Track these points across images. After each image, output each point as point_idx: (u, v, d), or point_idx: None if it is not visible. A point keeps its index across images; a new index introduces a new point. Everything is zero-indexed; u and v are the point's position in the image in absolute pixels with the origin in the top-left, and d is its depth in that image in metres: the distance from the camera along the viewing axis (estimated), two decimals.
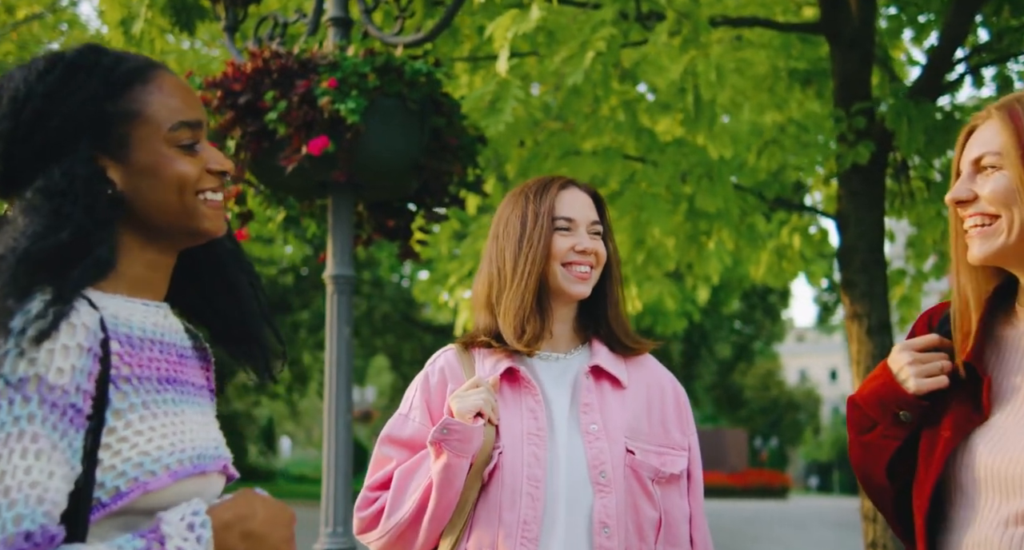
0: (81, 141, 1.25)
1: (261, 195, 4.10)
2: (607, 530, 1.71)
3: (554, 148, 4.72)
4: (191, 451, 1.26)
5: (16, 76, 1.27)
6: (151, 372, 1.27)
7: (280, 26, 4.29)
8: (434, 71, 3.84)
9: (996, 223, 1.43)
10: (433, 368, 1.86)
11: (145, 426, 1.22)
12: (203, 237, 1.34)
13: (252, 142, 3.66)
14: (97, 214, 1.23)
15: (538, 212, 1.83)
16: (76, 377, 1.16)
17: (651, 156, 4.79)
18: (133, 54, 1.34)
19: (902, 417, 1.49)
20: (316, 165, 3.60)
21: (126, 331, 1.26)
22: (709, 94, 3.35)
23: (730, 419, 37.97)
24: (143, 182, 1.27)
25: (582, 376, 1.83)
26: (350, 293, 3.94)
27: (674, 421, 1.87)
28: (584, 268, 1.84)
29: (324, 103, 3.53)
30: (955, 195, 1.47)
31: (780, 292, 23.13)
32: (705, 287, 6.84)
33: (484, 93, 3.51)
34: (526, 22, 3.20)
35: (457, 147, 3.95)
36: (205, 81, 3.71)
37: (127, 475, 1.19)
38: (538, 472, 1.72)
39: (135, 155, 1.27)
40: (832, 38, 4.91)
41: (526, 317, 1.80)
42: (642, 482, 1.76)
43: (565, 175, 4.99)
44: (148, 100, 1.28)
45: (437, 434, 1.69)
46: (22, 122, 1.24)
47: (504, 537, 1.68)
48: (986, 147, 1.44)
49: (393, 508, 1.73)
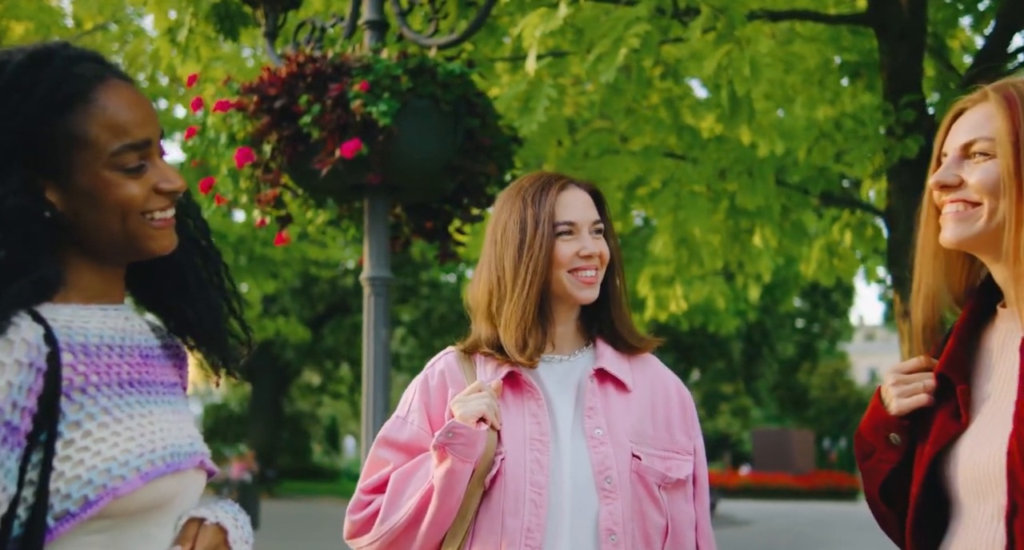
0: (15, 165, 1.20)
1: (300, 198, 4.14)
2: (614, 537, 1.66)
3: (592, 146, 4.68)
4: (162, 451, 1.25)
5: None
6: (111, 377, 1.26)
7: (318, 30, 4.34)
8: (468, 72, 3.84)
9: (976, 209, 1.38)
10: (432, 371, 1.83)
11: (108, 432, 1.21)
12: (151, 255, 1.31)
13: (288, 146, 3.70)
14: (33, 240, 1.20)
15: (538, 217, 1.77)
16: (12, 395, 1.14)
17: (692, 153, 4.71)
18: (86, 62, 1.27)
19: (892, 440, 1.46)
20: (350, 168, 3.62)
21: (81, 340, 1.24)
22: (743, 89, 3.28)
23: (796, 420, 37.29)
24: (84, 206, 1.23)
25: (586, 379, 1.79)
26: (387, 295, 3.96)
27: (679, 424, 1.83)
28: (590, 272, 1.80)
29: (356, 106, 3.55)
30: (940, 179, 1.41)
31: (843, 290, 22.67)
32: (756, 286, 6.72)
33: (516, 93, 3.48)
34: (554, 20, 3.17)
35: (491, 147, 3.94)
36: (242, 86, 3.76)
37: (94, 483, 1.18)
38: (541, 478, 1.68)
39: (75, 179, 1.22)
40: (880, 30, 4.78)
41: (528, 330, 1.76)
42: (648, 488, 1.72)
43: (605, 174, 4.97)
44: (89, 123, 1.22)
45: (442, 437, 1.65)
46: None
47: (507, 545, 1.65)
48: (978, 132, 1.38)
49: (388, 512, 1.69)
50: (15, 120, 1.20)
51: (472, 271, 11.95)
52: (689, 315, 8.37)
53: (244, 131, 3.77)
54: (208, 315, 1.40)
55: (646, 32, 3.55)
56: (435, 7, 4.04)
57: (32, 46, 1.26)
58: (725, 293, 6.94)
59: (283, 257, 14.14)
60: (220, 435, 28.68)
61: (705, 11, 3.53)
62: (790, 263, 7.35)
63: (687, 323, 8.84)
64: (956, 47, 6.20)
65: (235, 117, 3.77)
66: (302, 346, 21.97)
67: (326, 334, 21.73)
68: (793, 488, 30.95)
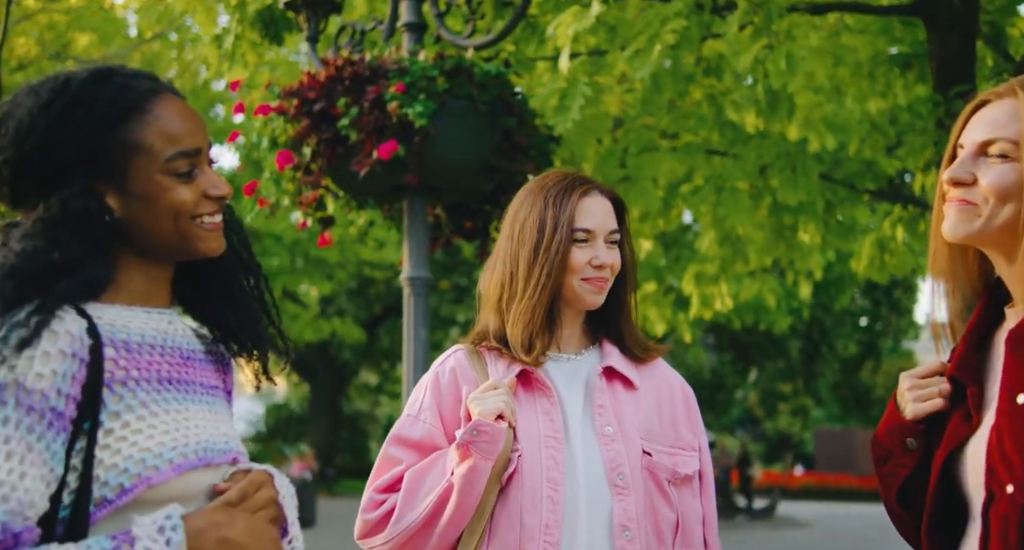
0: (79, 172, 1.30)
1: (341, 200, 4.19)
2: (628, 533, 1.68)
3: (632, 144, 4.65)
4: (195, 445, 1.31)
5: (22, 105, 1.33)
6: (150, 374, 1.32)
7: (358, 34, 4.39)
8: (504, 72, 3.85)
9: (978, 208, 1.36)
10: (443, 368, 1.83)
11: (144, 424, 1.28)
12: (200, 256, 1.40)
13: (327, 149, 3.76)
14: (91, 243, 1.29)
15: (558, 220, 1.77)
16: (57, 382, 1.21)
17: (734, 149, 4.66)
18: (142, 79, 1.37)
19: (908, 445, 1.45)
20: (388, 169, 3.66)
21: (124, 337, 1.31)
22: (780, 83, 3.23)
23: (860, 420, 36.56)
24: (140, 209, 1.33)
25: (595, 377, 1.80)
26: (426, 295, 3.99)
27: (684, 421, 1.84)
28: (601, 283, 1.80)
29: (393, 108, 3.59)
30: (954, 175, 1.38)
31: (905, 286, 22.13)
32: (807, 283, 6.62)
33: (552, 91, 3.48)
34: (586, 18, 3.17)
35: (528, 147, 3.94)
36: (282, 90, 3.83)
37: (130, 472, 1.24)
38: (556, 475, 1.69)
39: (132, 184, 1.32)
40: (929, 20, 4.67)
41: (535, 332, 1.77)
42: (659, 484, 1.73)
43: (645, 171, 4.94)
44: (145, 131, 1.32)
45: (467, 435, 1.66)
46: (25, 154, 1.30)
47: (527, 541, 1.66)
48: (999, 132, 1.34)
49: (404, 512, 1.70)
50: (80, 131, 1.30)
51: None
52: (740, 313, 8.28)
53: (285, 134, 3.84)
54: (249, 324, 1.47)
55: (683, 28, 3.52)
56: (472, 8, 4.06)
57: (93, 66, 1.38)
58: (776, 291, 6.85)
59: (338, 259, 14.32)
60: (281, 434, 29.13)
61: (742, 5, 3.49)
62: (844, 260, 7.22)
63: (739, 321, 8.74)
64: (1016, 35, 6.03)
65: (276, 121, 3.84)
66: (358, 347, 22.21)
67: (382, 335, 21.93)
68: (856, 490, 30.32)
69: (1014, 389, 1.28)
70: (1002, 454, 1.27)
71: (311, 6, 4.38)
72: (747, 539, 16.38)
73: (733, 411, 29.27)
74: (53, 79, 1.35)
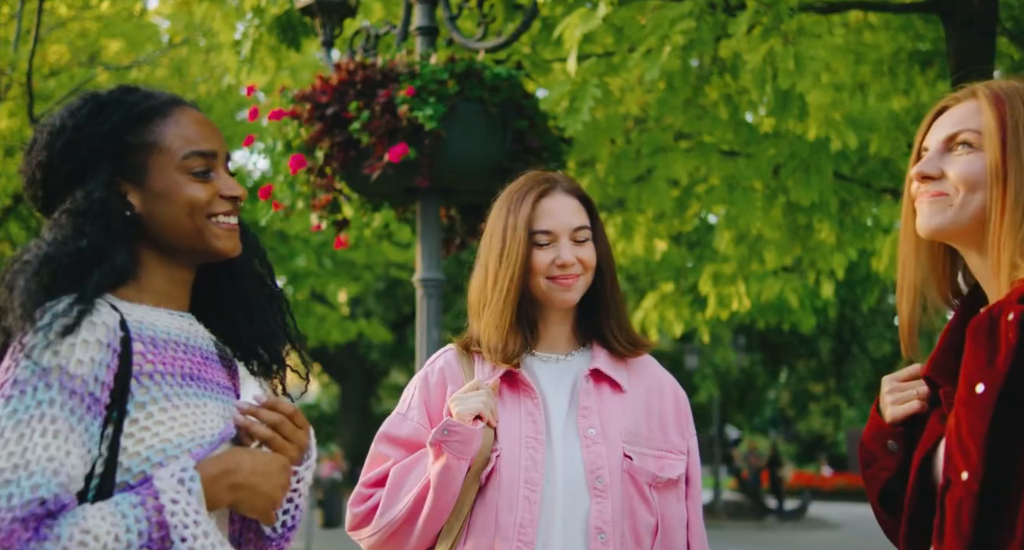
0: (103, 168, 1.41)
1: (356, 202, 4.23)
2: (603, 536, 1.69)
3: (645, 145, 4.65)
4: (210, 437, 1.39)
5: (56, 115, 1.46)
6: (174, 369, 1.41)
7: (373, 38, 4.44)
8: (516, 74, 3.87)
9: (949, 198, 1.37)
10: (432, 368, 1.87)
11: (166, 416, 1.36)
12: (216, 255, 1.48)
13: (340, 152, 3.80)
14: (113, 230, 1.39)
15: (516, 225, 1.79)
16: (95, 369, 1.30)
17: (748, 149, 4.64)
18: (161, 92, 1.51)
19: (889, 447, 1.46)
20: (399, 172, 3.69)
21: (151, 333, 1.40)
22: (787, 83, 3.22)
23: None
24: (158, 205, 1.43)
25: (581, 379, 1.81)
26: (439, 296, 4.02)
27: (673, 424, 1.84)
28: (568, 279, 1.80)
29: (403, 111, 3.63)
30: (922, 169, 1.40)
31: None
32: (829, 282, 6.57)
33: (562, 93, 3.50)
34: (593, 20, 3.18)
35: (540, 148, 3.96)
36: (295, 95, 3.88)
37: (151, 460, 1.32)
38: (535, 476, 1.71)
39: (151, 181, 1.43)
40: (946, 17, 4.62)
41: (506, 335, 1.79)
42: (639, 487, 1.74)
43: (657, 172, 4.93)
44: (164, 133, 1.44)
45: (438, 435, 1.69)
46: (55, 152, 1.42)
47: (501, 540, 1.68)
48: (964, 125, 1.38)
49: (387, 506, 1.74)
50: (103, 129, 1.42)
51: None
52: (764, 314, 8.23)
53: (299, 138, 3.89)
54: (271, 346, 1.56)
55: (691, 28, 3.52)
56: (483, 12, 4.09)
57: (122, 84, 1.54)
58: (798, 290, 6.80)
59: (365, 260, 14.41)
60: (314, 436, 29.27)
61: (751, 6, 3.48)
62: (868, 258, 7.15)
63: (763, 321, 8.68)
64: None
65: (290, 125, 3.89)
66: (387, 347, 22.33)
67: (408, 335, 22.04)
68: None
69: (973, 378, 1.29)
70: (959, 441, 1.28)
71: (326, 11, 4.43)
72: (777, 540, 16.25)
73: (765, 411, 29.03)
74: (84, 92, 1.50)
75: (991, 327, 1.29)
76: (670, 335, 6.82)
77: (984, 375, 1.27)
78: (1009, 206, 1.32)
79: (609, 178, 4.59)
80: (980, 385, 1.26)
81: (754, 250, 5.17)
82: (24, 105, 8.11)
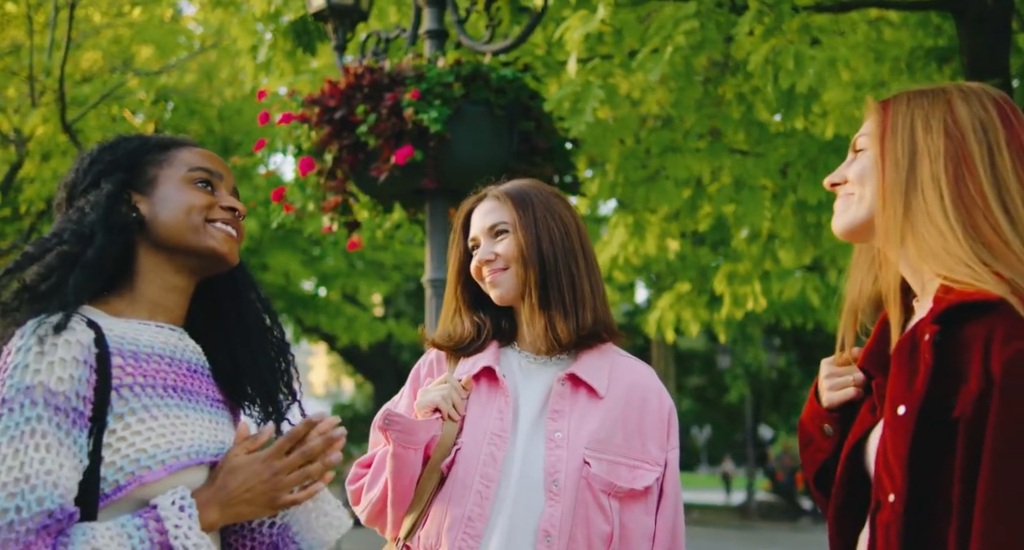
0: (115, 177, 1.53)
1: (367, 204, 4.30)
2: (549, 539, 1.70)
3: (653, 144, 4.66)
4: (188, 447, 1.44)
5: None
6: (155, 381, 1.46)
7: (383, 42, 4.50)
8: (521, 76, 3.91)
9: (852, 198, 1.42)
10: (424, 361, 1.95)
11: (144, 427, 1.41)
12: (212, 257, 1.53)
13: (349, 155, 3.87)
14: (111, 220, 1.48)
15: (458, 239, 1.93)
16: (75, 385, 1.37)
17: (759, 148, 4.64)
18: (182, 138, 1.66)
19: (825, 431, 1.49)
20: (406, 173, 3.75)
21: (132, 348, 1.46)
22: (787, 83, 3.23)
23: None
24: (160, 207, 1.53)
25: (556, 382, 1.82)
26: None
27: (653, 435, 1.82)
28: (492, 276, 1.85)
29: (408, 114, 3.68)
30: (828, 179, 1.48)
31: None
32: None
33: (565, 95, 3.54)
34: (592, 22, 3.21)
35: (547, 149, 3.99)
36: (305, 99, 3.95)
37: (124, 470, 1.38)
38: (492, 472, 1.73)
39: (158, 190, 1.54)
40: (958, 14, 4.59)
41: (452, 326, 1.90)
42: (595, 494, 1.73)
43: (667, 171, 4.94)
44: (176, 154, 1.58)
45: (379, 422, 1.76)
46: (80, 172, 1.56)
47: (448, 529, 1.72)
48: (861, 131, 1.46)
49: (370, 487, 1.82)
50: (125, 148, 1.56)
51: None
52: (789, 313, 8.19)
53: (310, 142, 3.96)
54: (262, 389, 1.61)
55: (695, 28, 3.54)
56: (490, 15, 4.13)
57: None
58: (820, 289, 6.77)
59: (393, 261, 14.52)
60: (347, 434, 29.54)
61: (753, 6, 3.49)
62: None
63: (789, 321, 8.64)
64: None
65: (300, 129, 3.96)
66: (417, 347, 22.48)
67: None
68: None
69: (896, 399, 1.29)
70: (886, 463, 1.29)
71: (338, 16, 4.50)
72: (811, 542, 16.12)
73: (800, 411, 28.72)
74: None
75: (912, 348, 1.30)
76: (687, 335, 6.80)
77: (905, 397, 1.28)
78: (888, 197, 1.35)
79: (618, 178, 4.61)
80: (902, 407, 1.27)
81: (767, 249, 5.15)
82: (57, 111, 8.30)
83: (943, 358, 1.25)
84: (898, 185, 1.35)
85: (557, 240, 1.86)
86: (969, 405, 1.21)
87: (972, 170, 1.32)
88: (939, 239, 1.30)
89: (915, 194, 1.33)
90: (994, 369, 1.20)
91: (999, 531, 1.15)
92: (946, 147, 1.34)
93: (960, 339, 1.25)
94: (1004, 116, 1.36)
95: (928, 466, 1.24)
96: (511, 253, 1.83)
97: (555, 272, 1.83)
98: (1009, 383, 1.18)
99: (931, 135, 1.35)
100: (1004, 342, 1.20)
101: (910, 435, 1.25)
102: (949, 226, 1.30)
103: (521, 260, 1.83)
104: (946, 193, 1.32)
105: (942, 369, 1.25)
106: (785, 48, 3.29)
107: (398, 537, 1.81)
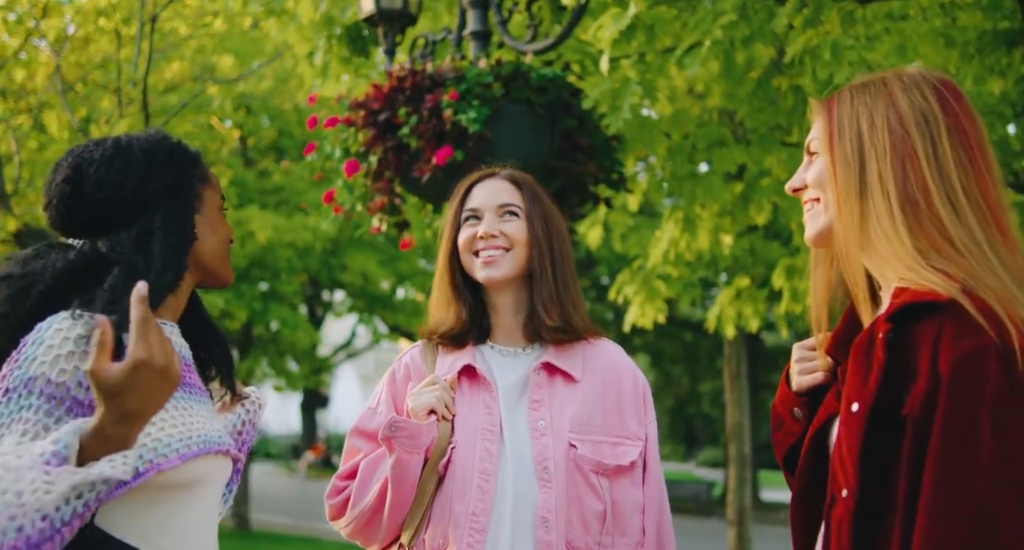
0: (188, 189, 1.62)
1: (416, 204, 4.37)
2: (547, 524, 1.73)
3: (700, 140, 4.61)
4: (197, 437, 1.53)
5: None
6: None
7: (430, 44, 4.57)
8: (562, 75, 3.92)
9: (819, 205, 1.41)
10: (399, 364, 1.95)
11: (157, 418, 1.49)
12: (221, 278, 1.67)
13: (393, 156, 3.95)
14: (184, 244, 1.59)
15: (453, 209, 1.92)
16: (78, 376, 1.43)
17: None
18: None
19: (795, 414, 1.49)
20: (448, 174, 3.79)
21: None
22: (824, 73, 3.17)
23: None
24: (207, 229, 1.64)
25: (532, 372, 1.86)
26: None
27: (631, 411, 1.86)
28: (489, 252, 1.85)
29: (447, 115, 3.73)
30: (790, 185, 1.47)
31: None
32: None
33: (603, 92, 3.54)
34: (623, 19, 3.22)
35: (590, 147, 4.00)
36: (350, 102, 4.04)
37: (143, 458, 1.45)
38: (489, 466, 1.77)
39: (205, 209, 1.65)
40: None
41: (444, 310, 1.88)
42: (585, 475, 1.77)
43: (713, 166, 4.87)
44: (208, 173, 1.69)
45: (386, 431, 1.78)
46: (155, 168, 1.59)
47: (454, 527, 1.74)
48: (812, 133, 1.44)
49: (357, 498, 1.83)
50: (188, 158, 1.65)
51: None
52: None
53: (356, 144, 4.05)
54: (227, 377, 1.75)
55: (731, 23, 3.50)
56: (532, 14, 4.16)
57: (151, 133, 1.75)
58: None
59: None
60: None
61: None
62: None
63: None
64: None
65: (346, 132, 4.06)
66: None
67: None
68: None
69: (850, 396, 1.29)
70: (840, 459, 1.29)
71: (387, 20, 4.60)
72: None
73: None
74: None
75: (869, 345, 1.30)
76: (747, 330, 6.70)
77: (859, 394, 1.28)
78: (843, 203, 1.34)
79: (665, 173, 4.58)
80: (855, 404, 1.28)
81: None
82: (141, 120, 8.65)
83: (896, 356, 1.25)
84: (851, 188, 1.34)
85: (560, 237, 1.93)
86: (917, 403, 1.21)
87: (916, 166, 1.31)
88: (887, 244, 1.30)
89: (867, 197, 1.33)
90: (941, 368, 1.20)
91: (939, 530, 1.14)
92: (891, 143, 1.33)
93: (912, 338, 1.25)
94: (944, 102, 1.34)
95: (879, 463, 1.24)
96: (519, 236, 1.87)
97: (560, 264, 1.89)
98: (955, 383, 1.18)
99: (876, 133, 1.34)
100: (952, 342, 1.20)
101: (862, 432, 1.26)
102: (895, 230, 1.30)
103: (528, 245, 1.87)
104: (893, 194, 1.31)
105: (894, 367, 1.25)
106: (823, 39, 3.23)
107: (400, 543, 1.83)
